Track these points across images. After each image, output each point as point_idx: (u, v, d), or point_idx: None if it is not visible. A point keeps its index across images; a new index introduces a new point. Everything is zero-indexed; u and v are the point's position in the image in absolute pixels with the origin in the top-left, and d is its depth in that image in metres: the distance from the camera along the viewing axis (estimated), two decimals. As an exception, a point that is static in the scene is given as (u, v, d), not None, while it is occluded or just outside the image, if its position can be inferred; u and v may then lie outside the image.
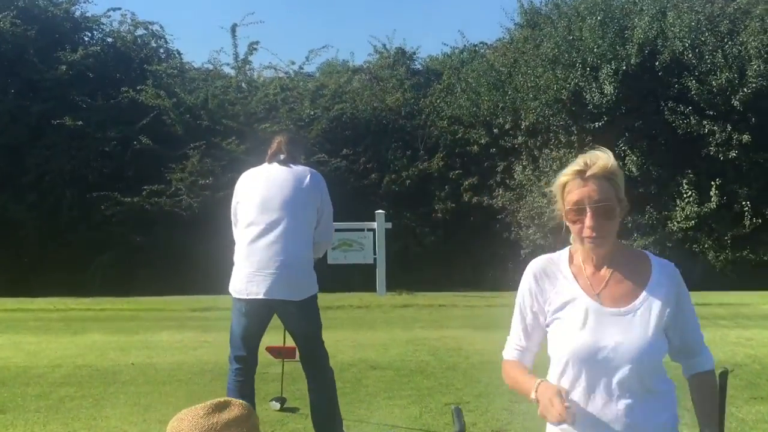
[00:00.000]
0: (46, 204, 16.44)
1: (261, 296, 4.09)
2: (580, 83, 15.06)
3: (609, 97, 14.71)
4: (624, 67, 14.66)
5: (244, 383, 4.17)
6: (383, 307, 10.23)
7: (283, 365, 5.75)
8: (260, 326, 4.19)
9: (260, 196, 4.20)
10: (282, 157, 4.30)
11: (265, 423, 5.01)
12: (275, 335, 5.24)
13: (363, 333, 8.31)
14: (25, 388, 5.89)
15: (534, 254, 10.83)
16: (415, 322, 9.04)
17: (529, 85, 16.06)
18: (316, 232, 4.15)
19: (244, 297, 4.11)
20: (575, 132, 15.69)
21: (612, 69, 14.64)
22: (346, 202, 17.50)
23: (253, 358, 4.22)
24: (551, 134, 15.98)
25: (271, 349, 6.86)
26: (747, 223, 14.63)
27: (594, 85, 14.91)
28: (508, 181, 16.99)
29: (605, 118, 15.00)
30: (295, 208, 4.16)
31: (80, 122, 15.71)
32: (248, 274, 4.14)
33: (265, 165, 4.29)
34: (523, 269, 2.09)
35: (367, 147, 17.94)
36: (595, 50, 15.03)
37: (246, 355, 4.18)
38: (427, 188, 17.64)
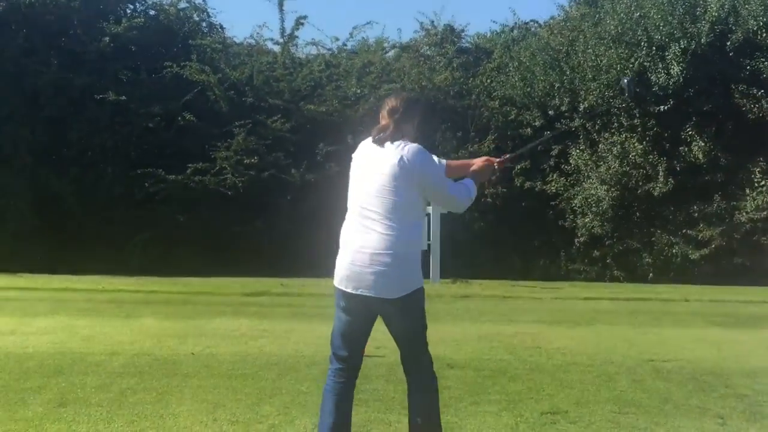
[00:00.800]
0: (87, 179, 16.23)
1: (355, 291, 3.60)
2: (645, 63, 14.29)
3: (676, 79, 13.94)
4: (693, 47, 13.87)
5: (344, 386, 3.67)
6: (444, 297, 9.74)
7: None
8: (362, 324, 3.67)
9: (358, 178, 3.68)
10: (383, 134, 3.74)
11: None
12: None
13: (430, 325, 7.80)
14: (83, 377, 5.49)
15: (591, 243, 10.15)
16: (481, 315, 8.53)
17: (588, 64, 15.31)
18: (435, 208, 3.73)
19: (342, 288, 3.62)
20: (638, 115, 14.94)
21: (680, 48, 13.85)
22: (393, 184, 17.00)
23: (355, 359, 3.71)
24: (612, 117, 15.25)
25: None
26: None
27: (660, 65, 14.14)
28: (563, 165, 16.32)
29: (671, 101, 14.23)
30: (389, 194, 3.61)
31: (123, 97, 15.38)
32: (345, 265, 3.63)
33: (369, 140, 3.74)
34: (577, 258, 2.55)
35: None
36: (662, 28, 14.23)
37: (346, 354, 3.67)
38: (476, 171, 17.01)
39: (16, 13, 16.51)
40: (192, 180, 14.90)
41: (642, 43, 14.38)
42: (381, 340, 6.87)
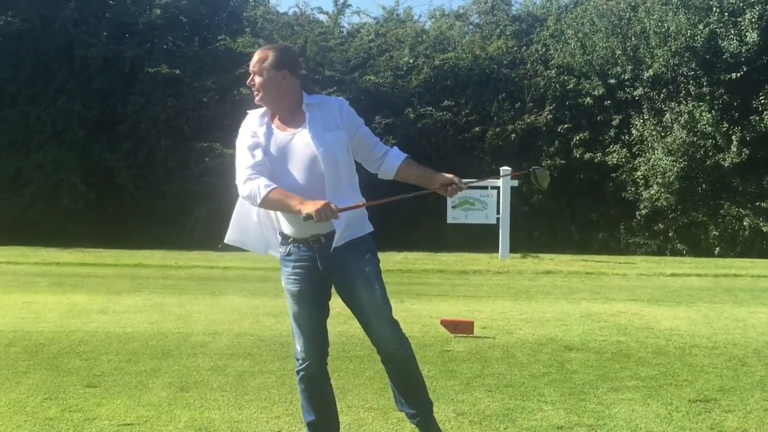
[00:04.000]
0: (140, 153, 16.09)
1: None
2: (717, 29, 13.70)
3: (750, 46, 13.35)
4: (768, 13, 13.26)
5: None
6: (525, 273, 9.45)
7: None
8: None
9: None
10: None
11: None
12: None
13: (523, 304, 7.56)
14: (194, 359, 5.31)
15: (653, 216, 9.66)
16: (572, 292, 8.24)
17: (653, 30, 14.72)
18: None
19: None
20: (706, 83, 14.37)
21: (756, 14, 13.23)
22: (449, 156, 16.73)
23: None
24: (679, 85, 14.69)
25: (445, 323, 6.19)
26: None
27: (733, 31, 13.54)
28: (624, 136, 15.83)
29: (744, 69, 13.65)
30: None
31: (177, 71, 15.13)
32: None
33: None
34: (638, 231, 2.42)
35: (469, 98, 16.96)
36: (736, -8, 13.62)
37: None
38: (533, 143, 16.64)
39: (65, -17, 16.30)
40: (249, 153, 14.67)
41: (714, 8, 13.77)
42: (484, 321, 6.68)
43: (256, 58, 3.13)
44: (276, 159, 3.11)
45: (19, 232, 14.98)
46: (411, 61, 16.77)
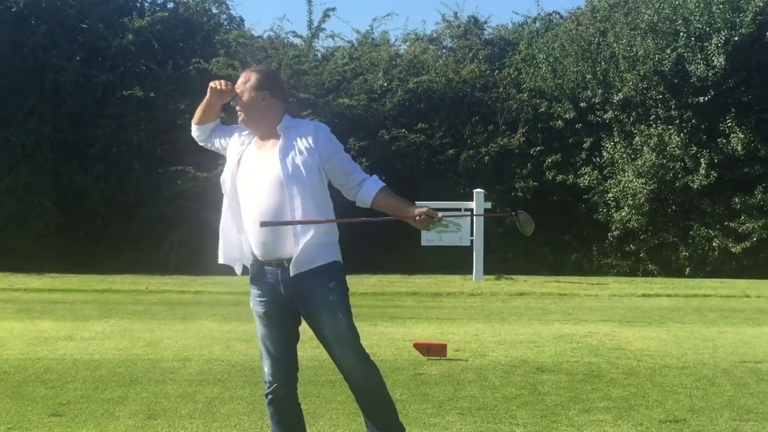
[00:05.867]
0: (112, 176, 15.94)
1: None
2: (685, 54, 14.00)
3: (717, 70, 13.65)
4: (735, 38, 13.56)
5: None
6: (498, 295, 9.48)
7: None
8: None
9: None
10: None
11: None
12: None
13: (496, 326, 7.58)
14: (163, 386, 5.24)
15: (625, 237, 9.86)
16: (545, 314, 8.28)
17: (623, 55, 15.00)
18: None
19: None
20: (674, 107, 14.65)
21: (722, 39, 13.55)
22: (422, 179, 16.81)
23: None
24: (648, 109, 14.95)
25: (418, 346, 6.18)
26: None
27: (700, 56, 13.85)
28: (595, 158, 16.04)
29: (711, 92, 13.95)
30: None
31: (152, 93, 15.07)
32: None
33: None
34: (610, 252, 2.68)
35: (443, 121, 17.08)
36: (701, 18, 13.93)
37: None
38: (506, 165, 16.77)
39: (36, 7, 16.19)
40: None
41: (681, 33, 14.09)
42: (457, 343, 6.67)
43: (240, 79, 3.26)
44: (246, 174, 3.17)
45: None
46: (385, 84, 16.88)
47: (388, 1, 35.85)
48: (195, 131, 3.50)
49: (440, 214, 3.16)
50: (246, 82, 3.23)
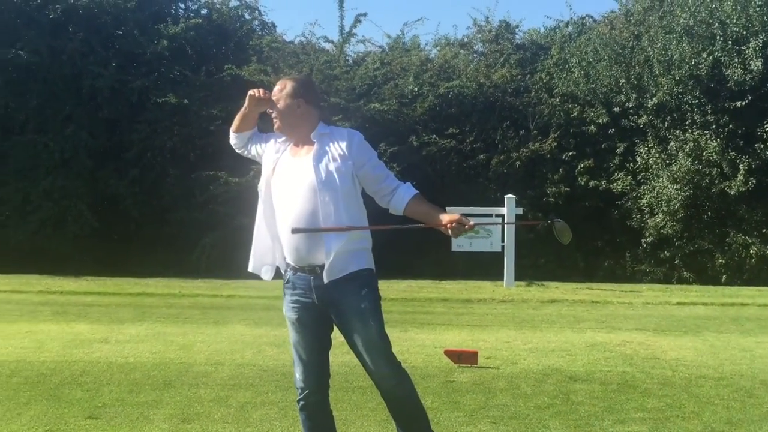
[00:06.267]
0: (147, 181, 16.16)
1: None
2: (721, 57, 13.75)
3: (754, 74, 13.38)
4: (774, 41, 13.32)
5: None
6: (530, 302, 9.39)
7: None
8: None
9: None
10: None
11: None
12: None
13: (528, 333, 7.51)
14: (196, 390, 5.29)
15: (659, 244, 9.62)
16: (577, 322, 8.18)
17: (657, 59, 14.79)
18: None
19: None
20: (710, 111, 14.40)
21: (760, 42, 13.28)
22: (453, 184, 16.75)
23: None
24: (684, 113, 14.71)
25: (449, 353, 6.15)
26: None
27: (737, 60, 13.59)
28: (628, 164, 15.83)
29: (749, 97, 13.68)
30: None
31: (185, 100, 15.26)
32: None
33: None
34: (644, 259, 2.61)
35: (473, 126, 17.02)
36: (738, 21, 13.67)
37: None
38: (538, 170, 16.63)
39: (74, 14, 16.52)
40: (256, 182, 14.68)
41: (717, 36, 13.85)
42: (488, 350, 6.62)
43: (276, 87, 3.32)
44: (280, 181, 3.22)
45: (26, 259, 15.02)
46: (416, 89, 16.87)
47: (419, 6, 35.87)
48: (233, 139, 3.56)
49: (472, 222, 3.14)
50: (282, 89, 3.28)
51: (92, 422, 4.47)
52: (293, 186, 3.17)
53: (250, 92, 3.33)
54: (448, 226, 3.11)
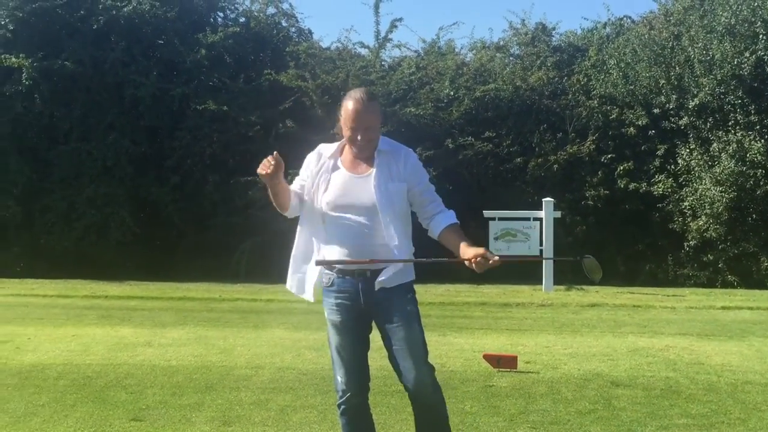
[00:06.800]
0: (188, 187, 16.42)
1: None
2: (765, 57, 13.45)
3: (799, 73, 13.07)
4: (819, 38, 12.98)
5: None
6: (569, 306, 9.29)
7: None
8: None
9: None
10: None
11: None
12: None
13: (568, 337, 7.43)
14: (237, 393, 5.36)
15: (702, 247, 9.41)
16: (619, 326, 8.06)
17: (698, 59, 14.52)
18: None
19: None
20: (754, 112, 14.08)
21: (805, 40, 12.98)
22: (490, 188, 16.67)
23: None
24: (726, 114, 14.42)
25: (488, 357, 6.12)
26: None
27: (781, 58, 13.29)
28: (669, 166, 15.55)
29: (794, 96, 13.36)
30: None
31: (225, 107, 15.49)
32: None
33: None
34: (687, 262, 2.54)
35: (510, 129, 16.91)
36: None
37: None
38: (576, 173, 16.45)
39: (116, 24, 16.90)
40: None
41: (760, 35, 13.54)
42: (528, 355, 6.56)
43: (373, 106, 3.18)
44: (337, 196, 3.18)
45: (71, 264, 15.40)
46: (451, 93, 16.84)
47: (454, 10, 35.77)
48: (289, 215, 3.39)
49: (497, 257, 3.11)
50: (373, 106, 3.19)
51: (136, 424, 4.56)
52: (352, 202, 3.16)
53: (260, 172, 3.12)
54: (473, 260, 3.10)
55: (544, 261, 12.13)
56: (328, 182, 3.20)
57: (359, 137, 3.14)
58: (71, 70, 16.11)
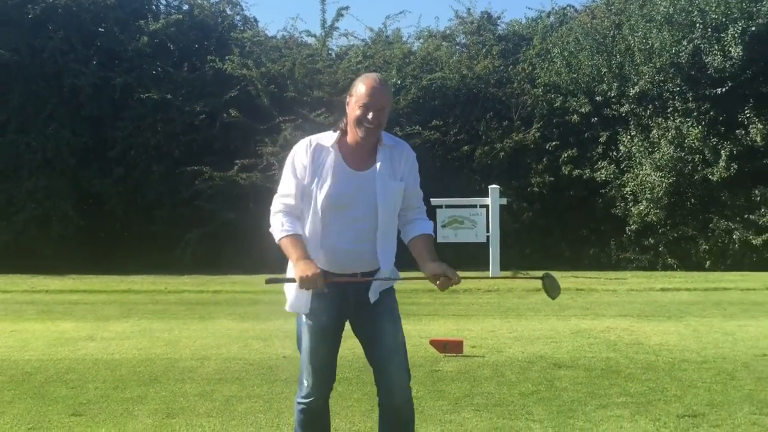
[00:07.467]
0: (131, 179, 16.09)
1: None
2: (701, 45, 13.85)
3: (734, 61, 13.50)
4: (753, 28, 13.40)
5: None
6: (515, 291, 9.44)
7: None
8: None
9: None
10: None
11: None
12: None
13: (513, 322, 7.56)
14: (181, 385, 5.29)
15: (643, 231, 9.75)
16: (562, 309, 8.25)
17: (638, 47, 14.87)
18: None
19: None
20: (691, 99, 14.51)
21: (739, 29, 13.39)
22: (438, 176, 16.76)
23: None
24: (665, 101, 14.82)
25: (435, 343, 6.18)
26: None
27: (717, 47, 13.70)
28: (611, 152, 15.93)
29: (729, 84, 13.79)
30: None
31: (168, 95, 15.19)
32: None
33: None
34: (628, 246, 2.57)
35: (457, 117, 17.07)
36: (717, 8, 13.77)
37: None
38: (522, 161, 16.71)
39: (53, 12, 16.38)
40: (240, 177, 14.69)
41: (697, 24, 13.94)
42: (474, 340, 6.66)
43: (388, 88, 3.03)
44: (339, 193, 2.98)
45: (11, 259, 14.93)
46: (399, 81, 16.88)
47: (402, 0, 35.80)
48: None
49: (458, 277, 3.00)
50: (387, 88, 3.01)
51: (76, 419, 4.46)
52: (354, 200, 2.99)
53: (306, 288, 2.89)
54: (437, 282, 2.98)
55: (490, 247, 12.28)
56: (328, 178, 2.96)
57: (370, 116, 2.89)
58: (7, 59, 15.57)
